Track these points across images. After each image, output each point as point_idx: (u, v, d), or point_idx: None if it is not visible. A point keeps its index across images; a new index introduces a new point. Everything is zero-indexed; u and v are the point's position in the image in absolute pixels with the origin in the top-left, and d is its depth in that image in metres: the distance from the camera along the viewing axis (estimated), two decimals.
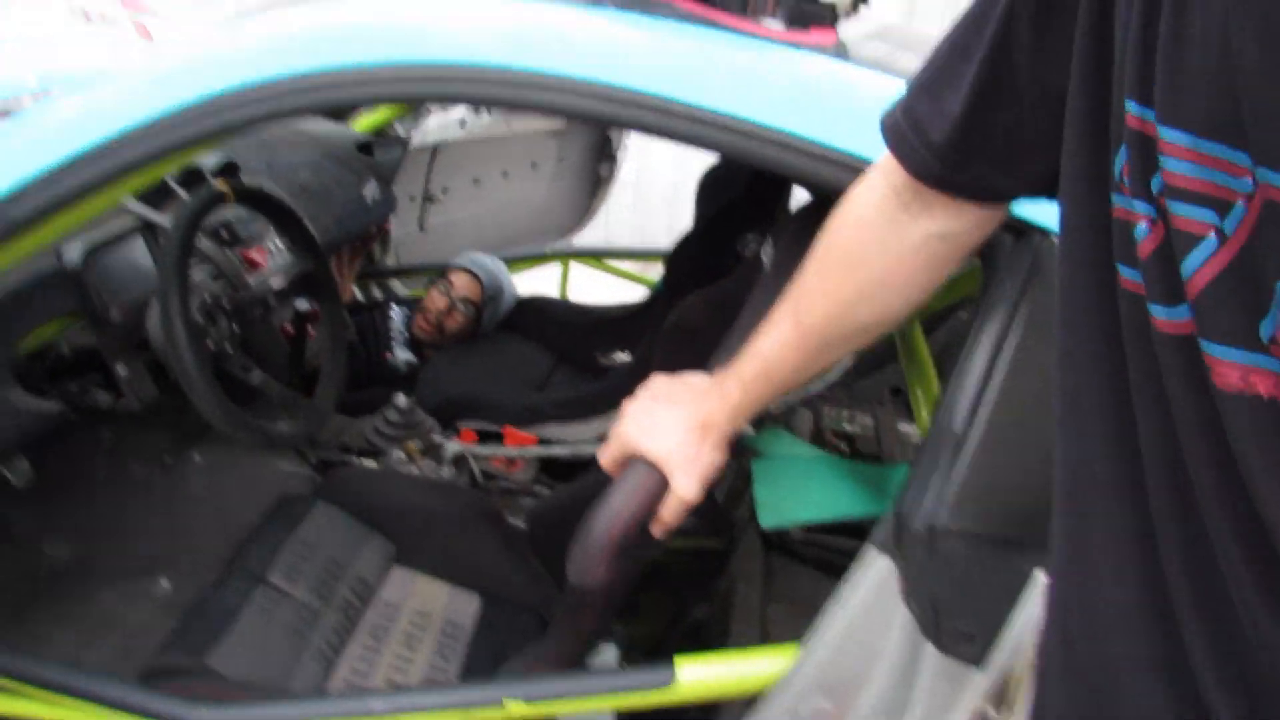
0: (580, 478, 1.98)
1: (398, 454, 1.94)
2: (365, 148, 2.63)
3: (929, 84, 0.68)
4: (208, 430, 1.92)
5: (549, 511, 1.79)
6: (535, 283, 3.05)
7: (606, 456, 0.94)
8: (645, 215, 5.53)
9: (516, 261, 2.95)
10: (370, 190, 2.43)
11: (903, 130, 0.70)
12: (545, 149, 3.82)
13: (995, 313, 0.81)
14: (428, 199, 3.21)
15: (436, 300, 2.54)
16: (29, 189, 0.95)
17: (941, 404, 0.84)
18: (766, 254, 1.19)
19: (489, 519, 1.77)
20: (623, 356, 2.74)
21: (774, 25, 1.01)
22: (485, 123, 3.10)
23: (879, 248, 0.77)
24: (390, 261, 3.07)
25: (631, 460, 0.90)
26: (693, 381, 0.93)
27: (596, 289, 3.33)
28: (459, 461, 1.94)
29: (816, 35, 1.01)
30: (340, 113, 2.74)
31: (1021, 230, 0.82)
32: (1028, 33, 0.59)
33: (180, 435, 1.89)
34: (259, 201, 1.49)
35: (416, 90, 0.95)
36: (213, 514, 1.86)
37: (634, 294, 3.05)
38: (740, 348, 0.89)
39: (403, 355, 2.56)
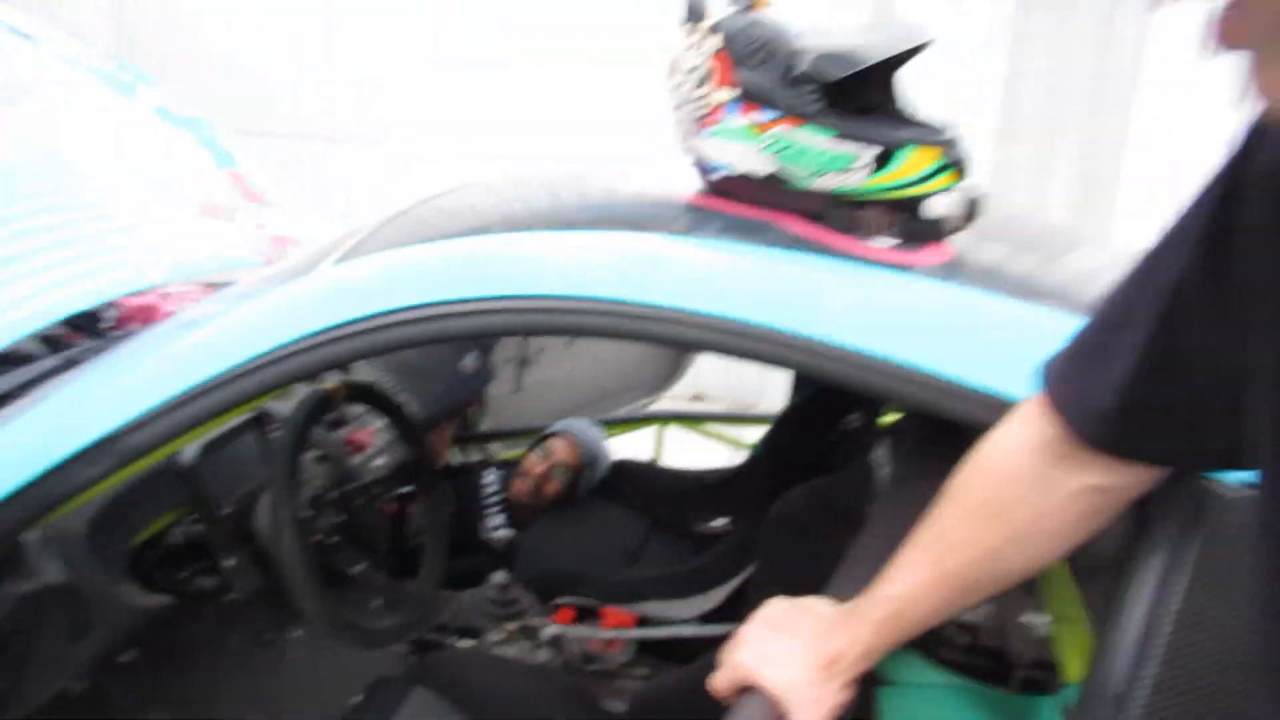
0: (685, 669, 1.90)
1: (493, 633, 1.90)
2: None
3: (1092, 348, 0.65)
4: None
5: (652, 701, 1.71)
6: (629, 444, 3.03)
7: (721, 682, 0.88)
8: (738, 368, 5.52)
9: (613, 425, 2.95)
10: (470, 362, 2.49)
11: (1065, 391, 0.66)
12: None
13: (1153, 560, 0.75)
14: (524, 362, 3.27)
15: (534, 465, 2.54)
16: (152, 416, 0.97)
17: (1098, 658, 0.76)
18: (881, 463, 1.14)
19: (584, 705, 1.70)
20: (720, 524, 2.67)
21: (885, 245, 0.99)
22: None
23: (1031, 498, 0.72)
24: (487, 424, 3.11)
25: (747, 691, 0.83)
26: (817, 610, 0.87)
27: (691, 450, 3.30)
28: (555, 641, 1.88)
29: (929, 253, 0.99)
30: None
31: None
32: (1199, 314, 0.55)
33: (282, 612, 1.89)
34: (368, 397, 1.52)
35: (525, 322, 0.96)
36: (308, 693, 1.84)
37: (728, 457, 2.99)
38: (863, 573, 0.84)
39: (498, 527, 2.54)
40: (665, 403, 3.84)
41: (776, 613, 0.88)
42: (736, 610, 2.08)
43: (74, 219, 1.77)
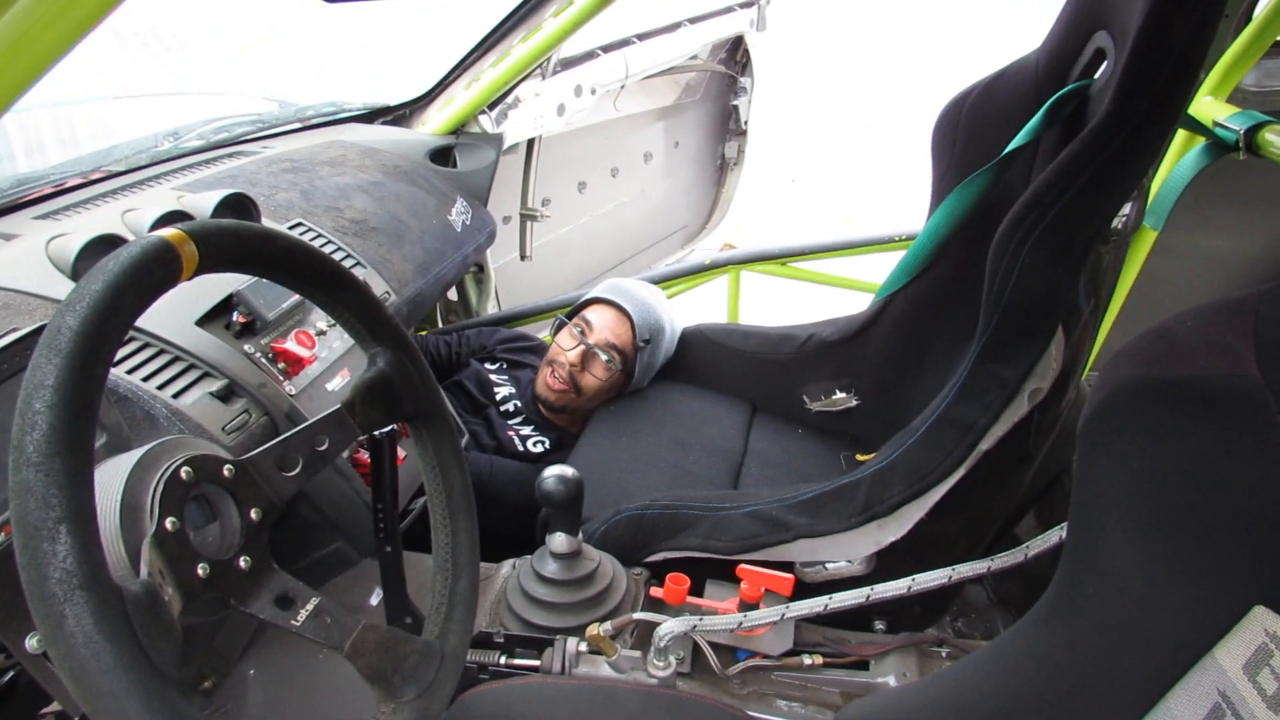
0: (938, 678, 1.13)
1: (573, 643, 1.15)
2: (442, 155, 1.86)
3: None
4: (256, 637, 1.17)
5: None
6: (691, 304, 2.22)
7: None
8: (774, 205, 4.70)
9: (669, 282, 2.14)
10: (459, 213, 1.66)
11: None
12: (655, 134, 3.03)
13: None
14: (528, 217, 2.44)
15: (565, 349, 1.76)
16: None
17: None
18: None
19: None
20: (843, 396, 1.92)
21: None
22: (588, 105, 2.31)
23: None
24: (491, 306, 2.30)
25: None
26: None
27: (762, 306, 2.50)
28: (675, 643, 1.14)
29: None
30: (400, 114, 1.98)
31: None
32: None
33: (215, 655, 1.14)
34: (258, 261, 0.70)
35: None
36: None
37: (823, 306, 2.19)
38: None
39: (528, 437, 1.77)
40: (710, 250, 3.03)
41: None
42: (921, 544, 1.33)
43: None
